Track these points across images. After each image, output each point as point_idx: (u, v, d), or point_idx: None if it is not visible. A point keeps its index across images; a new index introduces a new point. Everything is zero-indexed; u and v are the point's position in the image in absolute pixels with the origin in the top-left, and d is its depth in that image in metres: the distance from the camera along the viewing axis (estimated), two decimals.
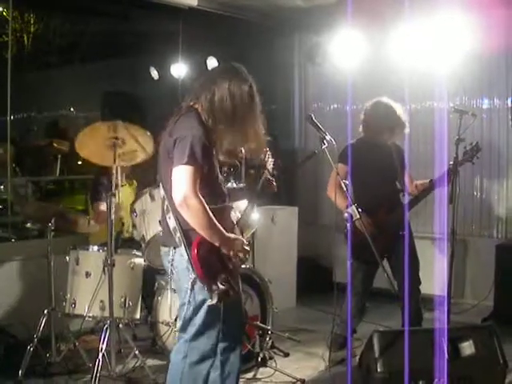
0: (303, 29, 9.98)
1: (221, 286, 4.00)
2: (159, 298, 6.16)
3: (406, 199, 6.51)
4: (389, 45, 8.34)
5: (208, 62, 9.94)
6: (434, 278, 7.18)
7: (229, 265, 4.14)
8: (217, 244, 4.07)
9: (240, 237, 4.24)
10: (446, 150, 6.67)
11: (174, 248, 4.18)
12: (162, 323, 6.03)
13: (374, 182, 6.35)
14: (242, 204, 5.30)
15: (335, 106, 10.06)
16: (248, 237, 4.54)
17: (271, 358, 6.25)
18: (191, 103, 4.30)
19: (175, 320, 5.86)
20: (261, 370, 6.08)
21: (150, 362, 6.14)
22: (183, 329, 4.27)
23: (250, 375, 6.03)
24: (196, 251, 4.02)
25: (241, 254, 4.17)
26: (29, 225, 6.52)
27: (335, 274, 6.31)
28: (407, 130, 6.46)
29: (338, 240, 5.86)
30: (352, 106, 9.09)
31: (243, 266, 6.28)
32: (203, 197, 4.00)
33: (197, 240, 4.04)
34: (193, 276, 4.06)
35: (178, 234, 4.10)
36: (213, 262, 4.07)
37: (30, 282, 6.87)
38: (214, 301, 4.01)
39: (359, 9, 7.30)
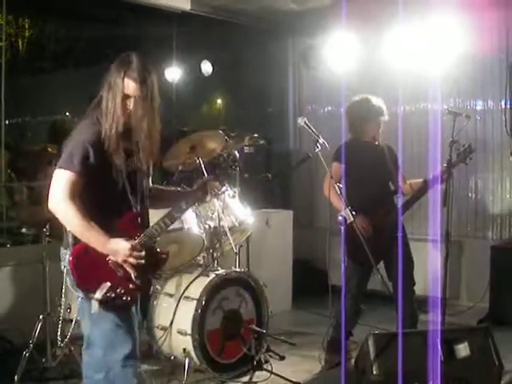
0: (297, 32, 10.00)
1: (97, 295, 3.83)
2: (155, 302, 6.15)
3: (399, 201, 6.52)
4: (382, 47, 8.36)
5: (202, 65, 9.95)
6: (429, 279, 7.18)
7: (118, 272, 3.91)
8: (99, 250, 3.87)
9: (127, 243, 3.88)
10: (440, 152, 6.68)
11: (66, 250, 4.03)
12: (158, 327, 6.02)
13: (367, 180, 6.36)
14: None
15: (329, 108, 10.08)
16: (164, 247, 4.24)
17: (267, 362, 6.24)
18: (96, 105, 4.03)
19: (171, 324, 5.87)
20: (256, 373, 6.07)
21: (146, 366, 6.11)
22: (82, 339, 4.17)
23: (245, 379, 6.02)
24: (73, 257, 3.87)
25: (131, 260, 3.87)
26: (24, 230, 6.51)
27: (330, 276, 6.29)
28: (386, 117, 6.48)
29: (333, 243, 5.86)
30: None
31: (238, 270, 6.31)
32: (92, 200, 3.88)
33: (78, 246, 3.90)
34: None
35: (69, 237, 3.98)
36: (94, 268, 3.89)
37: (26, 287, 6.85)
38: (94, 310, 3.86)
39: (353, 11, 7.30)
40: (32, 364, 5.79)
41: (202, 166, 6.20)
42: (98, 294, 3.83)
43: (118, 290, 3.88)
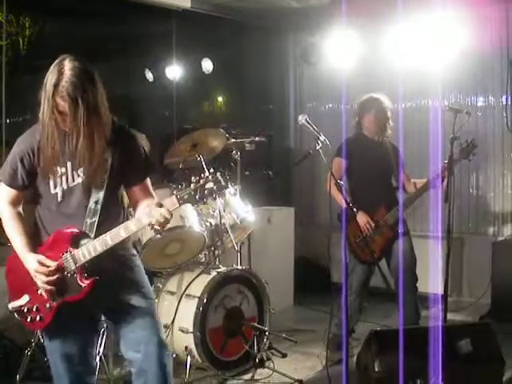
0: (297, 29, 9.99)
1: (10, 305, 3.74)
2: (156, 300, 6.14)
3: (400, 197, 6.53)
4: (383, 44, 8.36)
5: (202, 63, 9.95)
6: (431, 276, 7.18)
7: (36, 289, 3.74)
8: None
9: (35, 263, 3.65)
10: (441, 148, 6.68)
11: None
12: None
13: (369, 176, 6.38)
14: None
15: (330, 105, 10.08)
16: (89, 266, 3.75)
17: (269, 359, 6.23)
18: None
19: (172, 322, 5.87)
20: (258, 371, 6.07)
21: None
22: None
23: (247, 376, 6.02)
24: (8, 261, 3.84)
25: (38, 282, 3.68)
26: None
27: (332, 274, 6.29)
28: (389, 113, 6.52)
29: (335, 240, 5.85)
30: (347, 105, 9.10)
31: (239, 267, 6.31)
32: (35, 211, 3.83)
33: (14, 253, 3.80)
34: None
35: None
36: (19, 278, 3.78)
37: None
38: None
39: (353, 8, 7.30)
40: (34, 363, 5.78)
41: (203, 163, 6.20)
42: (11, 305, 3.77)
43: (34, 306, 3.75)
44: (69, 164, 3.74)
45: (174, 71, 10.14)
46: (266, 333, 6.22)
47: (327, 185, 6.18)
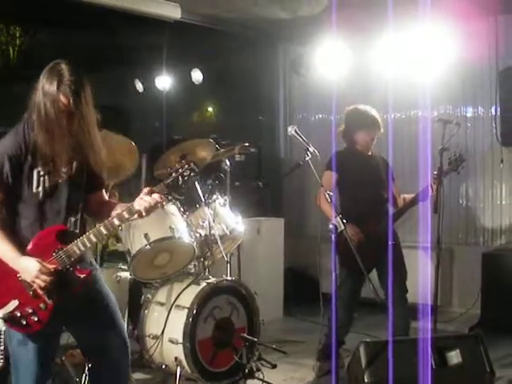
0: (287, 40, 10.02)
1: (2, 314, 3.68)
2: (146, 311, 6.14)
3: (390, 210, 6.53)
4: (372, 54, 8.39)
5: (192, 74, 9.96)
6: (421, 286, 7.18)
7: (28, 290, 3.72)
8: (10, 266, 3.71)
9: (36, 263, 3.67)
10: (430, 159, 6.69)
11: None
12: (149, 336, 6.00)
13: (359, 189, 6.38)
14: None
15: (320, 116, 10.11)
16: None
17: (258, 370, 6.21)
18: (29, 113, 3.86)
19: (162, 333, 5.86)
20: (248, 381, 6.05)
21: (137, 375, 6.11)
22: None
23: None
24: None
25: (38, 282, 3.67)
26: None
27: (322, 284, 6.29)
28: (381, 130, 6.53)
29: (325, 251, 5.84)
30: (336, 116, 9.08)
31: (229, 278, 6.31)
32: (14, 212, 3.79)
33: None
34: None
35: None
36: (4, 283, 3.74)
37: None
38: (2, 327, 3.74)
39: (343, 19, 7.32)
40: None
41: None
42: (2, 312, 3.70)
43: (27, 309, 3.72)
44: (51, 164, 3.78)
45: (164, 82, 10.17)
46: (256, 344, 6.21)
47: (317, 199, 6.22)
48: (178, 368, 5.71)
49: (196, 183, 6.05)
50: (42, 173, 3.77)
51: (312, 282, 8.66)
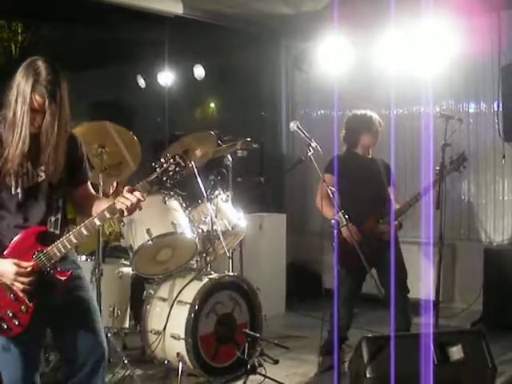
0: (289, 36, 10.01)
1: None
2: (148, 306, 6.14)
3: (391, 208, 6.53)
4: (375, 50, 8.36)
5: (195, 69, 9.96)
6: (423, 282, 7.18)
7: (8, 294, 3.63)
8: None
9: (13, 266, 3.56)
10: (433, 155, 6.69)
11: None
12: (151, 332, 6.01)
13: (361, 194, 6.38)
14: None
15: (322, 112, 10.10)
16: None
17: (261, 366, 6.21)
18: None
19: (164, 328, 5.86)
20: (250, 377, 6.03)
21: (140, 371, 6.11)
22: None
23: (239, 383, 5.99)
24: None
25: (17, 285, 3.58)
26: None
27: (324, 280, 6.30)
28: (380, 128, 6.56)
29: (327, 246, 5.85)
30: (339, 112, 9.10)
31: (231, 274, 6.31)
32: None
33: None
34: None
35: None
36: None
37: None
38: None
39: (345, 15, 7.30)
40: None
41: (195, 169, 6.19)
42: None
43: (7, 313, 3.62)
44: (29, 163, 3.71)
45: (166, 77, 10.16)
46: (258, 339, 6.21)
47: (318, 200, 6.22)
48: (180, 363, 5.72)
49: (198, 178, 6.05)
50: (19, 173, 3.68)
51: (314, 278, 8.69)
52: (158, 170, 3.68)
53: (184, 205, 6.18)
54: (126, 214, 3.70)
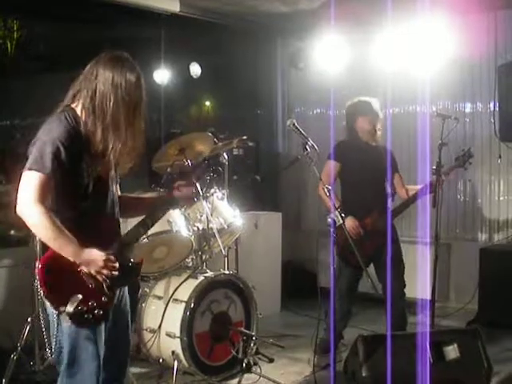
0: (286, 34, 10.00)
1: (68, 308, 3.48)
2: (143, 304, 6.14)
3: (390, 203, 6.52)
4: (371, 49, 8.38)
5: (191, 67, 9.93)
6: (419, 281, 7.18)
7: (90, 284, 3.61)
8: (71, 259, 3.55)
9: (102, 253, 3.59)
10: (429, 154, 6.69)
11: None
12: (146, 330, 6.01)
13: (361, 181, 6.38)
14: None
15: (318, 110, 10.09)
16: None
17: (256, 364, 6.22)
18: (69, 102, 3.75)
19: (159, 327, 5.86)
20: (245, 376, 6.06)
21: (135, 369, 6.10)
22: (58, 361, 3.78)
23: (234, 381, 6.01)
24: (41, 266, 3.56)
25: (105, 272, 3.58)
26: (12, 232, 6.47)
27: (319, 278, 6.29)
28: (380, 115, 6.55)
29: (322, 245, 5.83)
30: (335, 110, 9.10)
31: (227, 272, 6.31)
32: (63, 204, 3.62)
33: (48, 253, 3.58)
34: None
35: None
36: (64, 279, 3.57)
37: (14, 289, 6.82)
38: (66, 324, 3.57)
39: (342, 13, 7.31)
40: (20, 367, 5.74)
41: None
42: (69, 308, 3.52)
43: (90, 303, 3.59)
44: (102, 155, 3.70)
45: (162, 75, 10.12)
46: (253, 338, 6.21)
47: (319, 189, 6.22)
48: (175, 362, 5.72)
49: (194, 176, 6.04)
50: (92, 164, 3.65)
51: (310, 276, 8.68)
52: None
53: None
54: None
